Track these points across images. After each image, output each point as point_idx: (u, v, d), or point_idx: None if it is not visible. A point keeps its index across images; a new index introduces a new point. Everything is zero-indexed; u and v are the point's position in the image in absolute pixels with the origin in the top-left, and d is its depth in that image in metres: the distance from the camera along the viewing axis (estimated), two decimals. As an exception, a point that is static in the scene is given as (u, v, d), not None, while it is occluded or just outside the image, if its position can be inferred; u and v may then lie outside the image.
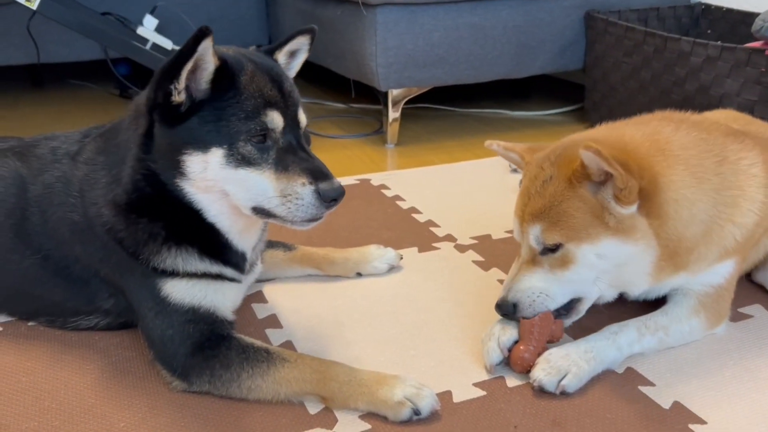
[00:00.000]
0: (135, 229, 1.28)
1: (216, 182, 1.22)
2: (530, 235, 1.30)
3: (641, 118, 1.48)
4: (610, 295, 1.38)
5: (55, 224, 1.36)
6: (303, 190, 1.20)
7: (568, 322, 1.39)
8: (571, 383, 1.26)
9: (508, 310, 1.32)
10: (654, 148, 1.31)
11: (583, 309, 1.36)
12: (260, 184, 1.21)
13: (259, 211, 1.25)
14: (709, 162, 1.33)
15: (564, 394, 1.26)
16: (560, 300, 1.33)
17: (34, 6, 2.68)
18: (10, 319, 1.51)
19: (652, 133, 1.35)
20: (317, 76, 3.60)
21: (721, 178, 1.33)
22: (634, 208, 1.24)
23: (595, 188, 1.25)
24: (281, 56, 1.38)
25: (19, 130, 1.70)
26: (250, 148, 1.19)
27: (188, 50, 1.13)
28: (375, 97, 3.04)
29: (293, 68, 1.43)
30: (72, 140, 1.43)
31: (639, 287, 1.36)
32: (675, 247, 1.30)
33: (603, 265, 1.29)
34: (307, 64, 1.45)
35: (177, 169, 1.22)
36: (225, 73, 1.19)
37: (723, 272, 1.39)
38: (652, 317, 1.39)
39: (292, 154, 1.23)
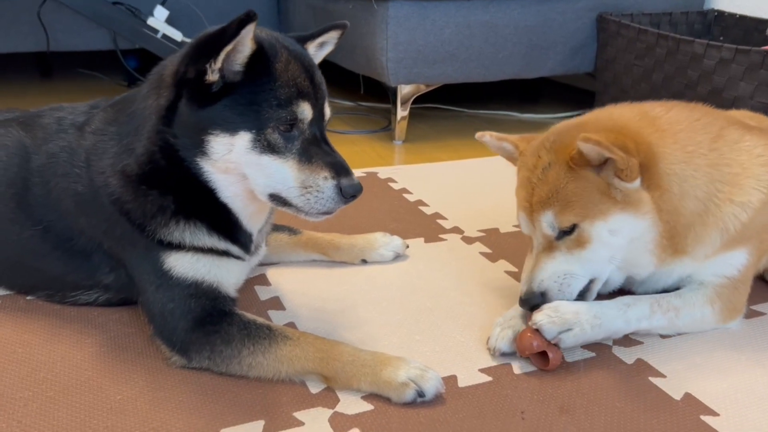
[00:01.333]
0: (144, 200, 1.25)
1: (238, 165, 1.20)
2: (543, 222, 1.29)
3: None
4: (617, 279, 1.39)
5: (58, 195, 1.34)
6: (325, 183, 1.19)
7: None
8: (568, 339, 1.26)
9: (535, 301, 1.30)
10: (645, 122, 1.34)
11: (596, 289, 1.35)
12: (282, 173, 1.20)
13: (276, 199, 1.23)
14: (701, 137, 1.33)
15: (555, 345, 1.25)
16: (584, 279, 1.32)
17: (45, -10, 2.69)
18: (8, 292, 1.49)
19: (643, 111, 1.38)
20: (326, 73, 3.59)
21: (717, 153, 1.33)
22: (638, 182, 1.26)
23: (596, 169, 1.26)
24: (311, 47, 1.37)
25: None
26: (277, 135, 1.18)
27: (232, 32, 1.10)
28: (384, 95, 3.03)
29: (317, 58, 1.42)
30: (79, 111, 1.41)
31: (645, 269, 1.36)
32: (674, 222, 1.30)
33: (616, 241, 1.28)
34: (314, 61, 1.44)
35: (199, 148, 1.20)
36: (260, 57, 1.17)
37: (735, 263, 1.37)
38: (666, 297, 1.37)
39: (315, 146, 1.22)
